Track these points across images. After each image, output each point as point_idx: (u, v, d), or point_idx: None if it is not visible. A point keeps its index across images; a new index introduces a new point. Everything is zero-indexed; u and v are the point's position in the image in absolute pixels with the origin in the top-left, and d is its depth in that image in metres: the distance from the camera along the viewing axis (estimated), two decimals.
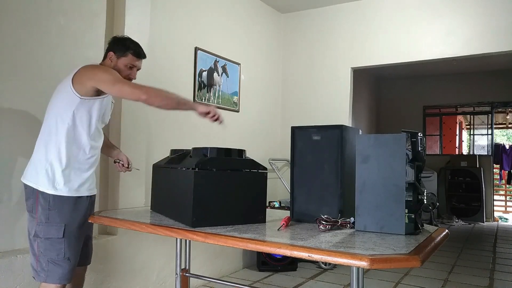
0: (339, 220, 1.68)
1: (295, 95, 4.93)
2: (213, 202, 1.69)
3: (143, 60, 2.18)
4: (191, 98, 3.64)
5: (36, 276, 1.92)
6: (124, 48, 2.08)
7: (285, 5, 4.78)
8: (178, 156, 2.05)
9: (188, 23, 3.61)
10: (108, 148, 2.32)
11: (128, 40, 2.12)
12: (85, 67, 1.97)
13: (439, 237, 1.55)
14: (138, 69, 2.15)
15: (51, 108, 1.97)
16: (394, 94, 9.25)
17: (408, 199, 1.54)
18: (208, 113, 1.93)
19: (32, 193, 1.93)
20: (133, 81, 2.13)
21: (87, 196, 2.01)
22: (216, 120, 1.94)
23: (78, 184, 1.96)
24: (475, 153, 9.35)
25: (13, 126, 2.34)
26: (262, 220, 1.81)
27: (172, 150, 2.26)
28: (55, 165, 1.90)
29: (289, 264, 4.08)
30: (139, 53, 2.11)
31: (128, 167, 2.32)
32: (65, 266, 1.90)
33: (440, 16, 4.15)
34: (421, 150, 1.60)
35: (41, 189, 1.89)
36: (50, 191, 1.89)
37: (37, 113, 2.44)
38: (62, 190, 1.90)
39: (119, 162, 2.31)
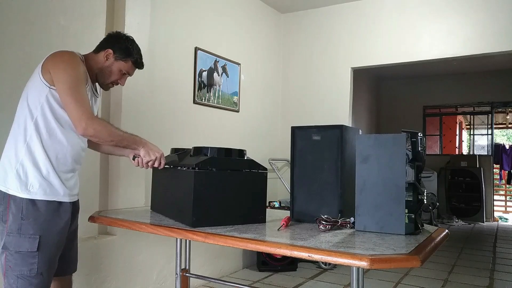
0: (339, 220, 1.68)
1: (295, 95, 4.93)
2: (213, 202, 1.69)
3: None
4: (191, 98, 3.64)
5: None
6: (126, 53, 1.87)
7: (285, 5, 4.78)
8: (178, 155, 2.05)
9: (188, 23, 3.61)
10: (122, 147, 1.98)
11: (133, 44, 1.91)
12: (55, 54, 1.73)
13: (439, 237, 1.55)
14: (129, 76, 1.96)
15: (21, 100, 1.74)
16: (394, 94, 9.25)
17: (408, 199, 1.54)
18: (148, 161, 1.84)
19: (2, 198, 1.66)
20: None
21: (70, 203, 1.76)
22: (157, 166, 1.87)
23: (57, 186, 1.70)
24: (475, 153, 9.36)
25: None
26: (262, 220, 1.80)
27: (172, 149, 2.26)
28: (27, 164, 1.65)
29: (289, 264, 4.08)
30: (139, 64, 1.94)
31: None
32: (37, 283, 1.63)
33: (440, 16, 4.15)
34: (421, 150, 1.60)
35: (11, 192, 1.63)
36: (22, 194, 1.63)
37: None
38: (37, 193, 1.65)
39: (139, 157, 1.92)
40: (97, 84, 1.93)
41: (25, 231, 1.62)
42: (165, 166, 2.02)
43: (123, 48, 1.86)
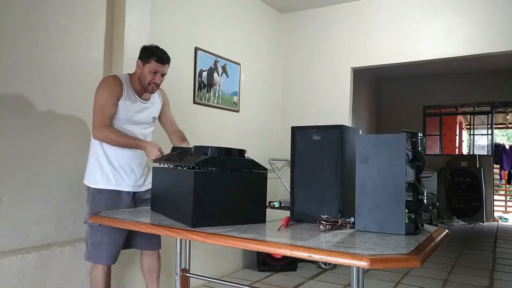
0: (339, 220, 1.67)
1: (295, 95, 4.93)
2: (213, 202, 1.69)
3: None
4: (191, 98, 3.65)
5: (84, 256, 2.32)
6: (148, 55, 2.23)
7: (285, 5, 4.78)
8: (179, 154, 2.04)
9: (188, 23, 3.61)
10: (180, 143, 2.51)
11: (154, 47, 2.26)
12: (102, 80, 2.29)
13: (439, 237, 1.55)
14: (163, 75, 2.28)
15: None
16: (394, 94, 9.25)
17: (408, 199, 1.54)
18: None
19: (87, 189, 2.32)
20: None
21: (128, 192, 2.32)
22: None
23: (116, 179, 2.27)
24: (475, 153, 9.35)
25: (12, 126, 2.34)
26: (262, 220, 1.80)
27: (173, 147, 2.27)
28: (94, 164, 2.27)
29: (289, 264, 4.08)
30: (161, 58, 2.23)
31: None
32: (102, 250, 2.24)
33: (440, 16, 4.15)
34: (421, 150, 1.60)
35: (86, 183, 2.30)
36: (92, 185, 2.27)
37: (36, 113, 2.44)
38: (101, 183, 2.26)
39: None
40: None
41: (93, 210, 2.20)
42: (165, 167, 2.03)
43: (145, 53, 2.25)
